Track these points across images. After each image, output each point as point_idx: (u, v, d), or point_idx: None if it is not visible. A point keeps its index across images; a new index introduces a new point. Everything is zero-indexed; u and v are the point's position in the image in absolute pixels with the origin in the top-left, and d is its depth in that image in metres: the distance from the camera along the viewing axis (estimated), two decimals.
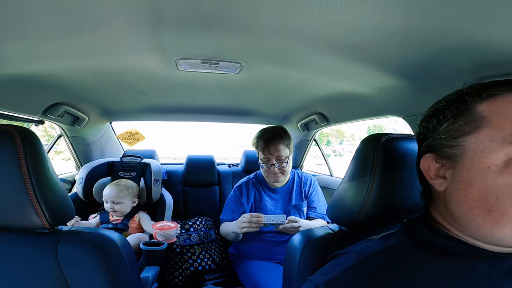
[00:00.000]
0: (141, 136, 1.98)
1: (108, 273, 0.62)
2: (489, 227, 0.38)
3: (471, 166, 0.40)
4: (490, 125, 0.39)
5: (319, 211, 1.34)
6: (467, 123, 0.41)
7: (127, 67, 0.96)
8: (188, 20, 0.64)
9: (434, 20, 0.54)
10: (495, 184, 0.37)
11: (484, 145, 0.39)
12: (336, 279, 0.44)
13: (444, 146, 0.43)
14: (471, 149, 0.40)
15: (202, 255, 1.46)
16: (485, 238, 0.40)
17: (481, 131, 0.39)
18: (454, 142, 0.42)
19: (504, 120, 0.38)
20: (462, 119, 0.42)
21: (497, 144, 0.38)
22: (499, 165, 0.37)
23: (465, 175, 0.40)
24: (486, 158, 0.38)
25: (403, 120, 1.07)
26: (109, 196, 1.39)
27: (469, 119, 0.41)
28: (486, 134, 0.39)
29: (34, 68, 0.89)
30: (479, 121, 0.40)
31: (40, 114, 1.20)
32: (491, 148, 0.38)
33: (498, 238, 0.38)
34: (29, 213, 0.56)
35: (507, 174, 0.37)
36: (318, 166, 2.56)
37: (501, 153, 0.37)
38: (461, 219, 0.42)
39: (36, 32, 0.66)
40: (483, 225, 0.39)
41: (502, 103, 0.39)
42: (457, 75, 0.71)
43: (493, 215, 0.37)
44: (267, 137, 1.27)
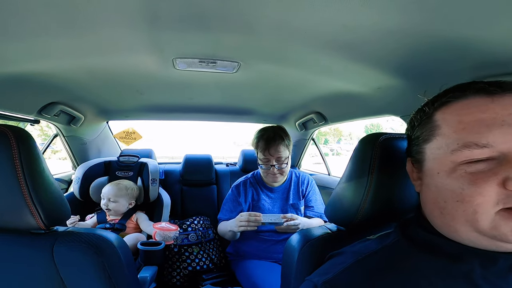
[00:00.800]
0: (138, 135, 1.97)
1: (105, 274, 0.61)
2: (446, 229, 0.41)
3: (428, 171, 0.43)
4: (440, 133, 0.41)
5: (317, 210, 1.34)
6: (426, 130, 0.44)
7: (124, 66, 0.96)
8: (185, 19, 0.63)
9: (432, 19, 0.54)
10: (443, 188, 0.40)
11: (435, 152, 0.41)
12: (334, 279, 0.44)
13: (414, 151, 0.47)
14: (427, 155, 0.43)
15: (200, 254, 1.46)
16: (452, 238, 0.42)
17: (434, 139, 0.42)
18: (419, 148, 0.45)
19: (449, 128, 0.40)
20: (424, 127, 0.44)
21: (444, 152, 0.40)
22: (446, 171, 0.39)
23: (425, 179, 0.44)
24: (437, 164, 0.41)
25: (401, 120, 1.07)
26: (107, 194, 1.40)
27: (428, 127, 0.43)
28: (437, 142, 0.41)
29: (30, 67, 0.88)
30: (433, 129, 0.42)
31: (35, 113, 1.19)
32: (439, 155, 0.41)
33: (459, 240, 0.40)
34: (24, 214, 0.56)
35: (451, 180, 0.38)
36: (316, 165, 2.56)
37: (447, 160, 0.39)
38: (428, 218, 0.45)
39: (32, 31, 0.65)
40: (441, 227, 0.42)
41: (451, 110, 0.41)
42: (454, 75, 0.71)
43: (446, 218, 0.40)
44: (268, 138, 1.26)
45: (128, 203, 1.43)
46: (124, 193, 1.42)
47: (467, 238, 0.39)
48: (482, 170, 0.36)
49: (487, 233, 0.36)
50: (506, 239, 0.35)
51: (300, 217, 1.20)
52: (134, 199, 1.48)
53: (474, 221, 0.36)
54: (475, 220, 0.36)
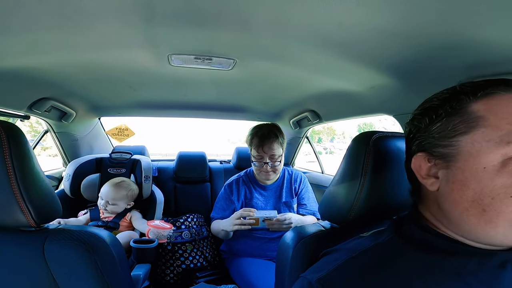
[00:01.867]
0: (131, 132, 1.94)
1: (97, 272, 0.61)
2: (482, 227, 0.38)
3: (466, 167, 0.39)
4: (486, 124, 0.38)
5: (309, 208, 1.35)
6: (462, 122, 0.40)
7: (118, 61, 0.94)
8: (181, 15, 0.62)
9: (427, 18, 0.55)
10: (491, 184, 0.37)
11: (481, 145, 0.38)
12: (328, 276, 0.44)
13: (438, 145, 0.43)
14: (466, 149, 0.39)
15: (193, 252, 1.46)
16: (477, 237, 0.40)
17: (477, 131, 0.39)
18: (448, 141, 0.41)
19: (501, 120, 0.37)
20: (457, 118, 0.41)
21: (494, 144, 0.37)
22: (495, 165, 0.37)
23: (459, 176, 0.40)
24: (482, 158, 0.38)
25: (393, 119, 1.09)
26: (106, 196, 1.36)
27: (464, 118, 0.40)
28: (483, 134, 0.38)
29: (21, 61, 0.86)
30: (475, 121, 0.39)
31: (26, 109, 1.16)
32: (488, 148, 0.37)
33: (491, 237, 0.39)
34: (14, 211, 0.55)
35: (504, 174, 0.36)
36: (309, 163, 2.58)
37: (498, 153, 0.37)
38: (454, 218, 0.42)
39: (24, 25, 0.64)
40: (477, 225, 0.39)
41: (498, 102, 0.39)
42: (448, 74, 0.73)
43: (488, 215, 0.37)
44: (262, 135, 1.26)
45: (126, 204, 1.41)
46: (124, 196, 1.39)
47: (503, 235, 0.38)
48: None
49: None
50: None
51: (293, 214, 1.20)
52: (133, 200, 1.46)
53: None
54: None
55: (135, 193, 1.47)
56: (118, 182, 1.42)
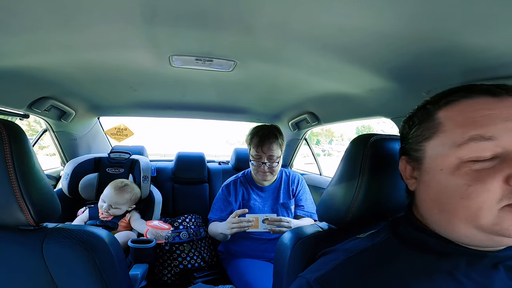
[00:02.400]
0: (130, 132, 1.94)
1: (96, 271, 0.61)
2: (445, 226, 0.42)
3: (429, 169, 0.44)
4: (444, 130, 0.42)
5: (307, 210, 1.36)
6: (427, 128, 0.45)
7: (118, 61, 0.94)
8: (183, 16, 0.63)
9: (425, 23, 0.56)
10: (446, 185, 0.40)
11: (439, 149, 0.42)
12: (326, 276, 0.45)
13: (412, 149, 0.47)
14: (429, 153, 0.44)
15: (191, 252, 1.45)
16: (447, 235, 0.43)
17: (437, 136, 0.43)
18: (418, 146, 0.46)
19: (454, 125, 0.41)
20: (424, 125, 0.45)
21: (449, 148, 0.41)
22: (451, 168, 0.40)
23: (425, 177, 0.44)
24: (440, 161, 0.42)
25: (391, 122, 1.10)
26: (109, 199, 1.34)
27: (429, 125, 0.44)
28: (441, 139, 0.42)
29: (22, 61, 0.86)
30: (436, 127, 0.43)
31: (25, 108, 1.16)
32: (444, 152, 0.41)
33: (456, 237, 0.41)
34: (13, 209, 0.55)
35: (456, 177, 0.39)
36: (307, 165, 2.59)
37: (452, 156, 0.40)
38: (426, 217, 0.46)
39: (26, 25, 0.64)
40: (439, 224, 0.43)
41: (456, 108, 0.42)
42: (446, 79, 0.73)
43: (446, 215, 0.41)
44: (262, 135, 1.27)
45: (128, 207, 1.41)
46: (128, 200, 1.38)
47: (464, 235, 0.40)
48: (487, 167, 0.38)
49: (487, 228, 0.37)
50: (507, 233, 0.37)
51: (292, 220, 1.20)
52: (135, 203, 1.46)
53: (476, 217, 0.37)
54: (477, 216, 0.37)
55: (138, 196, 1.46)
56: (122, 186, 1.40)
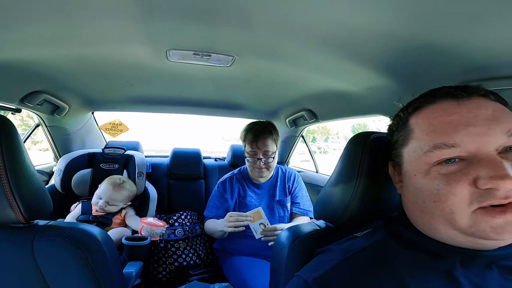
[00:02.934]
0: (125, 127, 1.92)
1: (89, 269, 0.59)
2: (427, 227, 0.43)
3: (406, 173, 0.45)
4: (414, 137, 0.43)
5: (303, 207, 1.35)
6: (402, 135, 0.46)
7: (114, 55, 0.92)
8: (181, 9, 0.61)
9: (424, 23, 0.55)
10: (421, 189, 0.41)
11: (411, 155, 0.43)
12: (325, 276, 0.45)
13: (394, 155, 0.49)
14: (405, 158, 0.45)
15: (187, 250, 1.45)
16: (432, 236, 0.43)
17: (409, 142, 0.44)
18: (397, 152, 0.47)
19: (422, 131, 0.42)
20: (401, 131, 0.47)
21: (418, 154, 0.42)
22: (422, 172, 0.41)
23: (405, 181, 0.46)
24: (413, 166, 0.43)
25: (387, 120, 1.09)
26: (106, 196, 1.32)
27: (404, 132, 0.46)
28: (412, 145, 0.43)
29: (14, 54, 0.84)
30: (408, 133, 0.44)
31: (17, 102, 1.14)
32: (415, 158, 0.42)
33: (440, 237, 0.42)
34: (3, 206, 0.53)
35: (427, 181, 0.40)
36: (303, 162, 2.59)
37: (422, 162, 0.41)
38: (412, 219, 0.46)
39: (18, 17, 0.62)
40: (422, 225, 0.44)
41: (423, 114, 0.43)
42: (444, 78, 0.73)
43: (426, 217, 0.42)
44: (256, 131, 1.26)
45: (124, 204, 1.39)
46: (126, 197, 1.37)
47: (447, 236, 0.40)
48: (453, 171, 0.38)
49: (465, 231, 0.38)
50: (485, 236, 0.37)
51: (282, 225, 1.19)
52: (132, 200, 1.44)
53: (452, 220, 0.38)
54: (452, 219, 0.38)
55: (135, 193, 1.45)
56: (120, 183, 1.37)
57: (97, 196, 1.34)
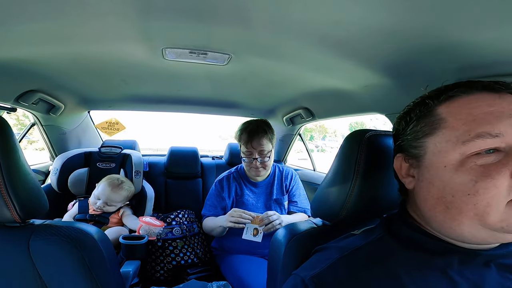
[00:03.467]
0: (122, 126, 1.90)
1: (85, 269, 0.59)
2: (448, 224, 0.41)
3: (431, 166, 0.42)
4: (446, 126, 0.41)
5: (300, 205, 1.36)
6: (427, 124, 0.43)
7: (110, 54, 0.92)
8: (177, 7, 0.61)
9: (421, 20, 0.55)
10: (451, 182, 0.39)
11: (441, 146, 0.41)
12: (321, 274, 0.44)
13: (411, 146, 0.46)
14: (430, 149, 0.42)
15: (184, 249, 1.44)
16: (448, 234, 0.42)
17: (439, 132, 0.42)
18: (417, 143, 0.44)
19: (458, 121, 0.40)
20: (424, 120, 0.44)
21: (452, 144, 0.39)
22: (454, 164, 0.39)
23: (426, 174, 0.43)
24: (443, 157, 0.40)
25: (384, 118, 1.10)
26: (105, 197, 1.31)
27: (429, 121, 0.43)
28: (443, 135, 0.41)
29: (9, 53, 0.83)
30: (438, 123, 0.42)
31: (12, 101, 1.13)
32: (447, 148, 0.40)
33: (458, 235, 0.41)
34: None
35: (461, 173, 0.38)
36: (301, 160, 2.59)
37: (456, 153, 0.39)
38: (425, 215, 0.44)
39: (13, 15, 0.61)
40: (443, 222, 0.41)
41: (458, 104, 0.41)
42: (440, 75, 0.74)
43: (451, 213, 0.40)
44: (251, 131, 1.25)
45: (122, 204, 1.39)
46: (124, 198, 1.36)
47: (468, 232, 0.39)
48: (492, 162, 0.37)
49: (493, 226, 0.37)
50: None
51: (282, 215, 1.19)
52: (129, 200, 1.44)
53: (484, 214, 0.37)
54: (485, 213, 0.36)
55: (133, 193, 1.45)
56: (118, 183, 1.36)
57: (95, 196, 1.32)
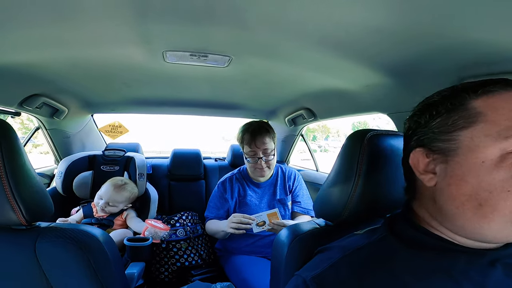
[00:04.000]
0: (125, 129, 1.92)
1: (91, 270, 0.60)
2: (477, 222, 0.39)
3: (464, 161, 0.40)
4: (485, 120, 0.39)
5: (304, 206, 1.36)
6: (462, 117, 0.41)
7: (112, 58, 0.93)
8: (177, 11, 0.61)
9: (421, 19, 0.55)
10: (489, 178, 0.37)
11: (479, 140, 0.39)
12: (322, 274, 0.44)
13: (437, 140, 0.43)
14: (465, 143, 0.40)
15: (188, 250, 1.45)
16: (471, 232, 0.41)
17: (476, 125, 0.39)
18: (448, 136, 0.42)
19: (499, 116, 0.38)
20: (457, 113, 0.42)
21: (492, 139, 0.38)
22: (493, 159, 0.37)
23: (457, 170, 0.41)
24: (481, 152, 0.38)
25: (387, 118, 1.10)
26: (107, 197, 1.33)
27: (464, 114, 0.41)
28: (482, 129, 0.39)
29: (12, 58, 0.84)
30: (475, 116, 0.40)
31: (16, 105, 1.14)
32: (486, 143, 0.38)
33: (483, 234, 0.39)
34: (5, 209, 0.54)
35: (501, 169, 0.37)
36: (304, 161, 2.59)
37: (496, 148, 0.37)
38: (449, 213, 0.42)
39: (16, 20, 0.62)
40: (471, 220, 0.39)
41: (497, 100, 0.39)
42: (441, 74, 0.73)
43: (483, 210, 0.38)
44: (253, 131, 1.26)
45: (124, 206, 1.40)
46: (127, 199, 1.37)
47: (496, 230, 0.38)
48: None
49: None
50: None
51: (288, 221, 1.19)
52: (133, 201, 1.45)
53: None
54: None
55: (136, 195, 1.46)
56: (121, 184, 1.38)
57: (98, 196, 1.35)
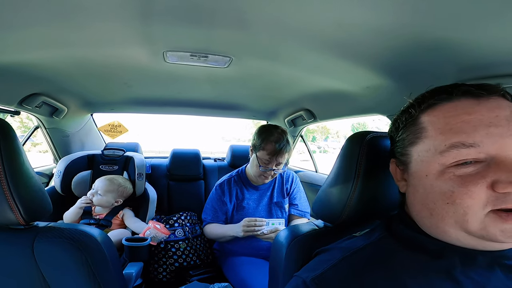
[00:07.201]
0: (124, 128, 1.92)
1: (88, 270, 0.60)
2: (434, 229, 0.42)
3: (415, 173, 0.43)
4: (427, 135, 0.41)
5: (301, 209, 1.35)
6: (412, 133, 0.44)
7: (112, 58, 0.93)
8: (178, 11, 0.62)
9: (422, 22, 0.55)
10: (432, 191, 0.40)
11: (423, 155, 0.41)
12: (323, 276, 0.44)
13: (399, 153, 0.47)
14: (414, 158, 0.43)
15: (187, 250, 1.45)
16: (438, 237, 0.42)
17: (421, 141, 0.42)
18: (405, 150, 0.45)
19: (436, 130, 0.40)
20: (409, 129, 0.44)
21: (432, 154, 0.40)
22: (435, 174, 0.39)
23: (412, 181, 0.44)
24: (424, 167, 0.41)
25: (386, 119, 1.10)
26: (96, 186, 1.37)
27: (414, 130, 0.43)
28: (424, 145, 0.41)
29: (12, 57, 0.84)
30: (420, 132, 0.42)
31: (16, 104, 1.14)
32: (428, 158, 0.40)
33: (447, 239, 0.41)
34: (3, 208, 0.54)
35: (440, 182, 0.38)
36: (303, 162, 2.59)
37: (435, 163, 0.39)
38: (417, 220, 0.45)
39: (17, 20, 0.62)
40: (430, 227, 0.43)
41: (438, 112, 0.41)
42: (440, 77, 0.73)
43: (434, 219, 0.40)
44: (280, 145, 1.19)
45: (114, 200, 1.39)
46: (114, 190, 1.38)
47: (455, 238, 0.40)
48: (470, 173, 0.37)
49: (475, 233, 0.37)
50: (495, 239, 0.36)
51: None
52: (124, 198, 1.44)
53: (463, 222, 0.37)
54: (464, 221, 0.37)
55: (127, 191, 1.46)
56: (113, 176, 1.44)
57: (92, 188, 1.40)
